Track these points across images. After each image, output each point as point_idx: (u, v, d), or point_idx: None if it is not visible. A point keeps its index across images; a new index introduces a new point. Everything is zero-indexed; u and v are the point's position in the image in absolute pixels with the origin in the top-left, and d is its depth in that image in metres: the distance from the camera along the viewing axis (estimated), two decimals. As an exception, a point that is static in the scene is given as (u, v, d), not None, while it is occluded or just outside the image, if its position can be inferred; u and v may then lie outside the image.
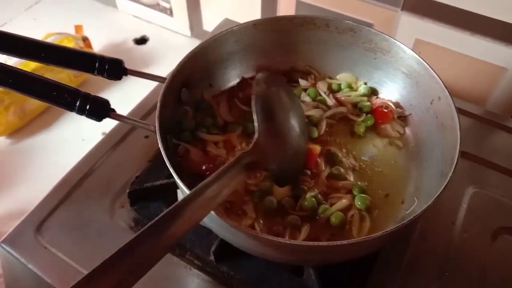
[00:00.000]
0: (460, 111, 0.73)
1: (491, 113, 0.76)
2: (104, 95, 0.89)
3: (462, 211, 0.62)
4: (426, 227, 0.60)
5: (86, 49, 0.92)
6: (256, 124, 0.52)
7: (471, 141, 0.70)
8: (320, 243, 0.44)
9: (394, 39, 0.61)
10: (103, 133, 0.75)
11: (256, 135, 0.51)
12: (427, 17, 0.73)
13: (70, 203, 0.62)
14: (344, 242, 0.43)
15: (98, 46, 0.98)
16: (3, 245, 0.57)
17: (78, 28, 0.96)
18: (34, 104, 0.86)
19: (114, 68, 0.57)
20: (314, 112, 0.64)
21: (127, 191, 0.61)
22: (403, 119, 0.64)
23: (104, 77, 0.57)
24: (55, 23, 1.01)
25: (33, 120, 0.87)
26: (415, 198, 0.55)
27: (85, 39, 0.93)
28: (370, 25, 0.79)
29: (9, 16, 1.08)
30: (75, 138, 0.84)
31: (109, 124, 0.71)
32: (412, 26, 0.76)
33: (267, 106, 0.55)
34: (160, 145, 0.49)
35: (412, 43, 0.78)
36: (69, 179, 0.64)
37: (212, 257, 0.57)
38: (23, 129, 0.86)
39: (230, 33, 0.63)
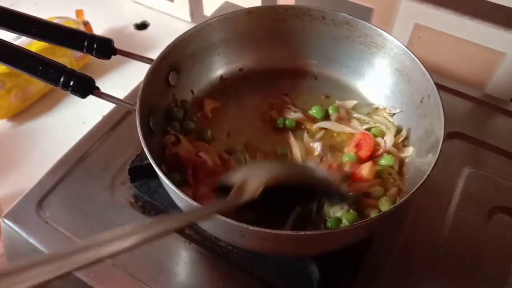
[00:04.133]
0: (459, 94, 0.75)
1: (490, 96, 0.76)
2: (105, 79, 0.91)
3: (458, 191, 0.63)
4: (422, 206, 0.60)
5: (87, 33, 0.92)
6: None
7: (470, 124, 0.71)
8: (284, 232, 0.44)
9: (389, 34, 0.61)
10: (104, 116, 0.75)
11: None
12: (426, 1, 0.73)
13: (71, 180, 0.62)
14: (318, 232, 0.45)
15: (99, 31, 0.98)
16: (5, 220, 0.58)
17: (79, 12, 0.97)
18: (35, 87, 0.86)
19: (103, 47, 0.57)
20: None
21: (128, 167, 0.62)
22: (393, 116, 0.64)
23: (93, 55, 0.58)
24: (56, 8, 1.00)
25: (35, 103, 0.88)
26: (398, 197, 0.55)
27: (86, 24, 0.93)
28: (370, 10, 0.80)
29: (9, 1, 1.09)
30: (76, 121, 0.84)
31: (109, 107, 0.72)
32: (412, 11, 0.76)
33: None
34: (138, 125, 0.49)
35: (411, 28, 0.78)
36: (70, 157, 0.65)
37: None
38: (24, 112, 0.86)
39: (224, 19, 0.63)
